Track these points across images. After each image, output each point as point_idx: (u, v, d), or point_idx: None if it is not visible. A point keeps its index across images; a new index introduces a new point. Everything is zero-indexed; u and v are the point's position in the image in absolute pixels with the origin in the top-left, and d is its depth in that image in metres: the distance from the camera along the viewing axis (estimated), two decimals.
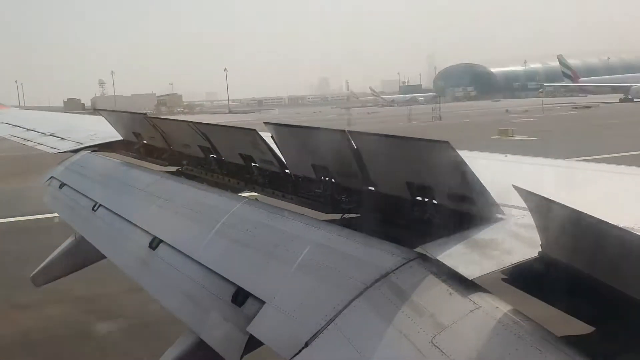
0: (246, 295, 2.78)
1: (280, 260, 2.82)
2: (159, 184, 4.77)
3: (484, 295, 2.01)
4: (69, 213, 5.72)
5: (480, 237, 2.33)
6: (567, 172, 3.80)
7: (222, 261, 3.17)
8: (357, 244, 2.59)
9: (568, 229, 1.93)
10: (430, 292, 2.10)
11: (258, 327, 2.56)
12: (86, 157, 6.79)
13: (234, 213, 3.50)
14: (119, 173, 5.64)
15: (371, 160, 2.96)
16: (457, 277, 2.09)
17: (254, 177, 4.34)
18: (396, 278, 2.24)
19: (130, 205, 4.70)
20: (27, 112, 14.20)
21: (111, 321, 9.96)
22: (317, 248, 2.72)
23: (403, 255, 2.33)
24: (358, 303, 2.23)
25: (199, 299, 3.11)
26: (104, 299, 10.78)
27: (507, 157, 4.21)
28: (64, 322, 10.00)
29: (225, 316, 2.84)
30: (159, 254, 3.66)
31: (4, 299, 10.76)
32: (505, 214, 2.48)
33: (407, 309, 2.07)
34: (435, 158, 2.53)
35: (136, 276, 3.80)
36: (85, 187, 5.74)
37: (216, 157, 4.86)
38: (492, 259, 2.17)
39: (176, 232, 3.83)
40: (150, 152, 6.32)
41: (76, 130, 8.66)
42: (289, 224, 3.10)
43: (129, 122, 6.42)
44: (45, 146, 8.14)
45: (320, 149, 3.39)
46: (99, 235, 4.84)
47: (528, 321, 1.84)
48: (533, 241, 2.20)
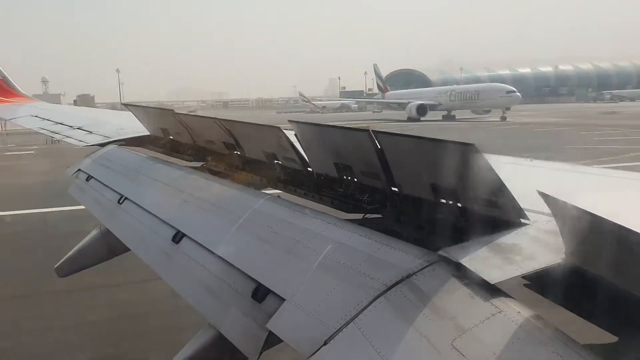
0: (266, 292, 2.80)
1: (301, 258, 2.84)
2: (184, 178, 4.83)
3: (506, 300, 1.99)
4: (94, 205, 5.81)
5: (504, 242, 2.32)
6: (593, 178, 3.75)
7: (243, 257, 3.20)
8: (378, 244, 2.59)
9: (592, 237, 1.91)
10: (451, 295, 2.09)
11: (277, 324, 2.57)
12: (113, 151, 6.90)
13: (256, 209, 3.53)
14: (145, 167, 5.72)
15: (395, 161, 2.96)
16: (479, 281, 2.08)
17: (277, 174, 4.37)
18: (418, 280, 2.23)
19: (155, 199, 4.77)
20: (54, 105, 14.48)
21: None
22: (339, 247, 2.73)
23: (425, 258, 2.33)
24: (379, 304, 2.23)
25: (219, 294, 3.14)
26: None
27: (532, 162, 4.17)
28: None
29: (245, 312, 2.86)
30: (182, 248, 3.71)
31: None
32: (529, 219, 2.46)
33: (428, 311, 2.07)
34: (461, 161, 2.52)
35: (159, 269, 3.85)
36: (111, 180, 5.83)
37: (240, 154, 4.91)
38: (515, 264, 2.15)
39: (199, 226, 3.87)
40: (175, 147, 6.41)
41: (104, 125, 8.80)
42: (311, 222, 3.11)
43: (157, 118, 6.50)
44: (73, 139, 8.30)
45: (343, 148, 3.39)
46: (123, 228, 4.92)
47: (550, 327, 1.83)
48: (557, 247, 2.18)
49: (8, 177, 28.85)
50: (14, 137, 52.25)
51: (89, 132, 8.35)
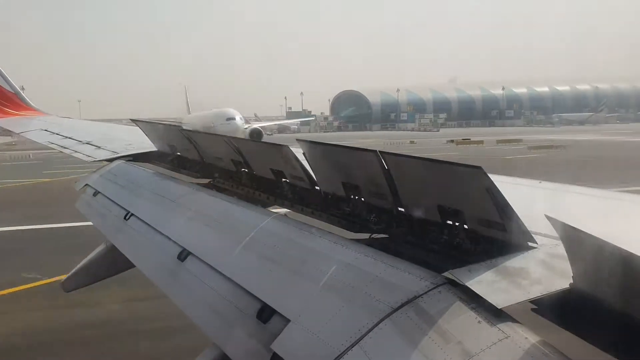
0: (271, 312, 2.79)
1: (307, 278, 2.83)
2: (191, 195, 4.84)
3: (513, 325, 1.97)
4: (101, 221, 5.83)
5: (511, 265, 2.30)
6: (603, 202, 3.72)
7: (249, 276, 3.19)
8: (385, 265, 2.58)
9: (600, 262, 1.89)
10: (458, 319, 2.07)
11: (282, 345, 2.56)
12: (121, 167, 6.93)
13: (262, 228, 3.53)
14: (152, 183, 5.74)
15: (402, 181, 2.96)
16: (485, 305, 2.06)
17: (284, 193, 4.37)
18: (424, 303, 2.21)
19: (161, 215, 4.78)
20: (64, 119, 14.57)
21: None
22: (345, 268, 2.72)
23: (431, 280, 2.31)
24: (384, 326, 2.21)
25: (224, 314, 3.13)
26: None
27: (541, 184, 4.15)
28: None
29: (250, 332, 2.85)
30: (187, 266, 3.70)
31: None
32: (537, 243, 2.44)
33: (433, 335, 2.05)
34: (468, 183, 2.51)
35: (164, 287, 3.85)
36: (118, 196, 5.85)
37: (247, 171, 4.92)
38: (522, 288, 2.13)
39: (205, 244, 3.87)
40: (183, 163, 6.43)
41: (112, 140, 8.86)
42: (317, 241, 3.10)
43: (164, 134, 6.54)
44: (82, 154, 8.35)
45: (351, 168, 3.39)
46: (129, 244, 4.92)
47: (557, 354, 1.81)
48: (564, 272, 2.16)
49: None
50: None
51: (98, 147, 8.40)
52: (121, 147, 7.85)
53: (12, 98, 14.90)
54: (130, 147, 7.76)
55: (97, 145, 8.60)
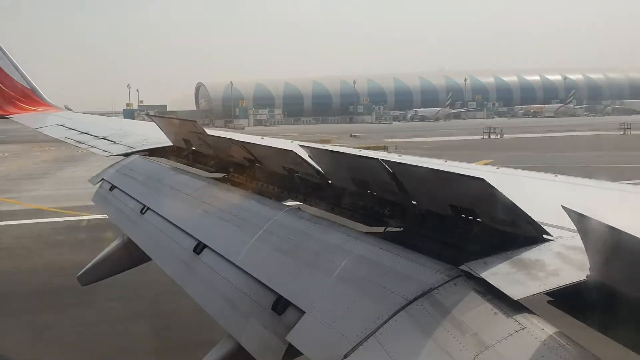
0: (286, 304, 2.80)
1: (322, 271, 2.83)
2: (205, 189, 4.86)
3: (529, 317, 1.97)
4: (117, 215, 5.88)
5: (527, 257, 2.29)
6: (620, 194, 3.68)
7: (264, 269, 3.21)
8: (400, 258, 2.58)
9: (618, 253, 1.87)
10: (474, 311, 2.07)
11: (297, 337, 2.57)
12: (136, 161, 6.98)
13: (276, 221, 3.54)
14: (168, 178, 5.78)
15: (409, 185, 2.96)
16: (501, 296, 2.06)
17: (297, 186, 4.38)
18: (439, 295, 2.22)
19: (177, 209, 4.81)
20: (79, 115, 14.70)
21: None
22: (359, 260, 2.72)
23: (447, 272, 2.31)
24: (400, 318, 2.22)
25: (240, 306, 3.15)
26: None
27: (557, 177, 4.12)
28: None
29: (265, 324, 2.87)
30: (203, 259, 3.73)
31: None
32: (553, 235, 2.42)
33: (449, 326, 2.05)
34: (472, 191, 2.51)
35: (180, 279, 3.88)
36: (134, 190, 5.90)
37: (260, 166, 4.93)
38: (538, 280, 2.12)
39: (220, 237, 3.89)
40: (197, 158, 6.46)
41: (128, 135, 8.92)
42: (331, 234, 3.11)
43: (179, 129, 6.58)
44: (98, 149, 8.42)
45: (358, 172, 3.40)
46: (145, 238, 4.96)
47: (574, 345, 1.80)
48: (581, 264, 2.15)
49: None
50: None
51: (113, 142, 8.47)
52: (137, 142, 7.91)
53: (29, 94, 15.09)
54: (145, 142, 7.81)
55: (112, 140, 8.66)
